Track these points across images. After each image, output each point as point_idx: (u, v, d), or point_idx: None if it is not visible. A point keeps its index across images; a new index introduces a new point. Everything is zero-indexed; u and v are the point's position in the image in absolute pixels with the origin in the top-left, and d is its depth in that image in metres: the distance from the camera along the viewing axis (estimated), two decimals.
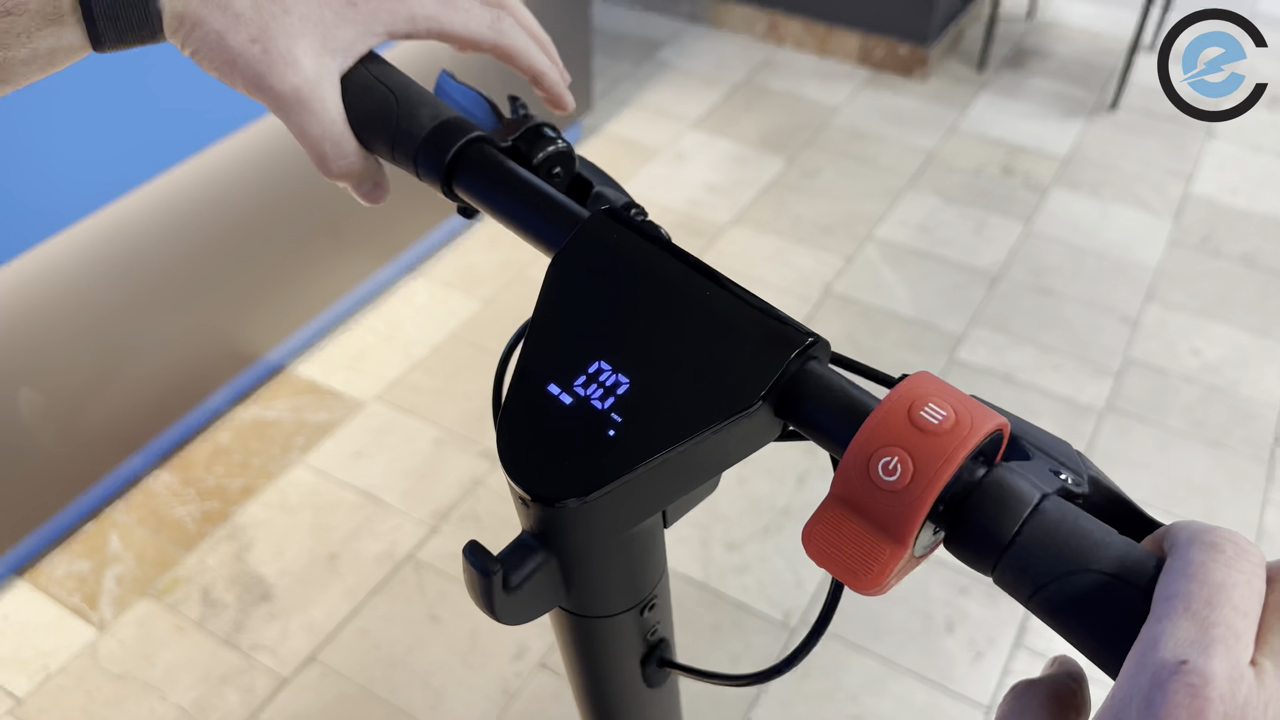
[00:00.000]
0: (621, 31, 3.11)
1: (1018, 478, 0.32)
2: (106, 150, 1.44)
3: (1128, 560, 0.30)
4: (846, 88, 2.88)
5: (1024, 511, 0.31)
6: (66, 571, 1.60)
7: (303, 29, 0.44)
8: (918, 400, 0.32)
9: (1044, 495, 0.32)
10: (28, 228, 1.39)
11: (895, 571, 0.32)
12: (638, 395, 0.37)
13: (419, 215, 2.13)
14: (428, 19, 0.47)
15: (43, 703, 1.44)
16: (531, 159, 0.48)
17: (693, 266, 0.40)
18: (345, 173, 0.48)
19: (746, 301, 0.39)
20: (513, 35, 0.50)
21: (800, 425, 0.37)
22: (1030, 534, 0.31)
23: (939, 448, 0.31)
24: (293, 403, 1.88)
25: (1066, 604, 0.30)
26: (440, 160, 0.46)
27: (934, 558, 1.63)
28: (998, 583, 0.32)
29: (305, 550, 1.65)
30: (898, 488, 0.31)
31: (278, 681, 1.48)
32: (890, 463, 0.32)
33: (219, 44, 0.44)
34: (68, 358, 1.54)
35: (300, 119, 0.45)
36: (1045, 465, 0.35)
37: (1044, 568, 0.30)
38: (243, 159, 1.66)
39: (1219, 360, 2.04)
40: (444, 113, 0.48)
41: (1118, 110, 2.78)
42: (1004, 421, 0.33)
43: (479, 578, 0.37)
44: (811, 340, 0.37)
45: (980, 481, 0.32)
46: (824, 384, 0.36)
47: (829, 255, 2.26)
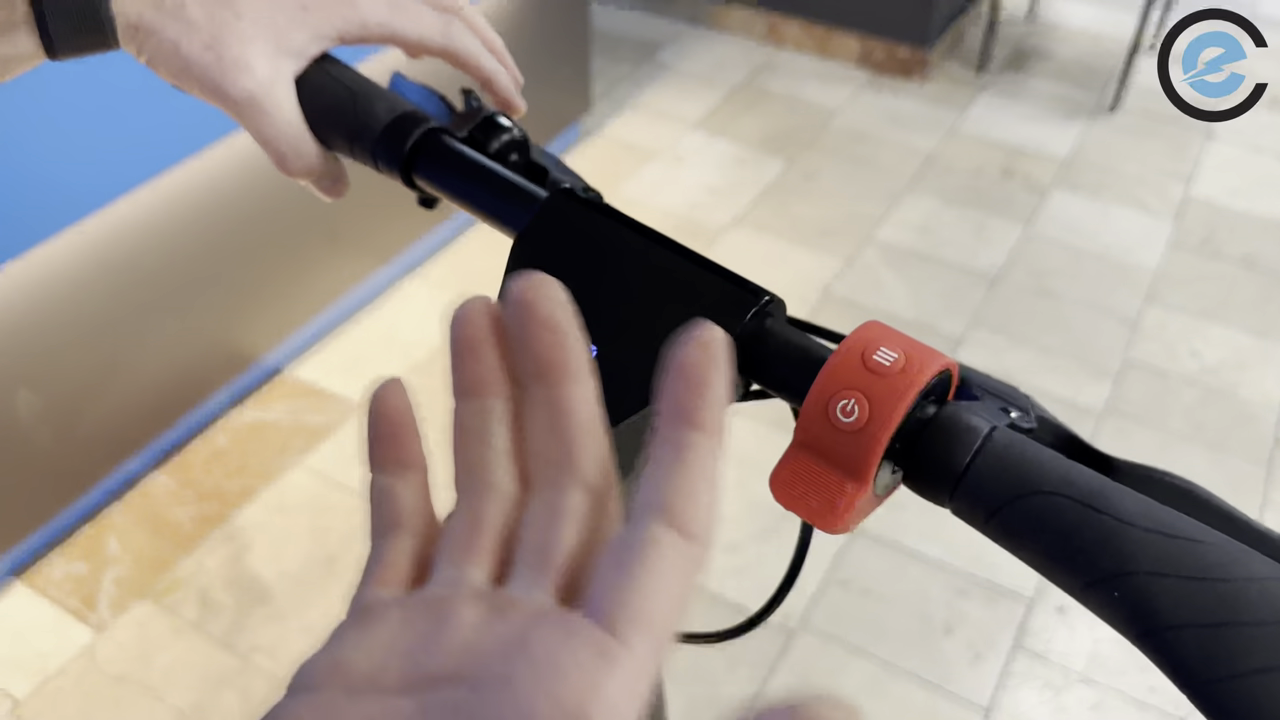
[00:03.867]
0: (621, 33, 3.11)
1: (968, 413, 0.34)
2: (104, 152, 1.44)
3: (1076, 479, 0.32)
4: (846, 89, 2.88)
5: (975, 442, 0.33)
6: (64, 573, 1.60)
7: (255, 34, 0.45)
8: (870, 345, 0.34)
9: (993, 427, 0.34)
10: (25, 230, 1.39)
11: (858, 509, 0.34)
12: (605, 362, 0.38)
13: (416, 218, 2.13)
14: (379, 23, 0.48)
15: (41, 704, 1.44)
16: (488, 148, 0.50)
17: (650, 237, 0.42)
18: (304, 171, 0.49)
19: (704, 266, 0.40)
20: (463, 39, 0.51)
21: (761, 380, 0.39)
22: (982, 462, 0.33)
23: (892, 387, 0.33)
24: (291, 405, 1.88)
25: (1021, 525, 0.32)
26: (399, 151, 0.48)
27: (933, 560, 1.63)
28: (955, 513, 0.34)
29: (303, 552, 1.64)
30: (856, 427, 0.33)
31: (275, 684, 1.47)
32: (848, 405, 0.33)
33: (174, 52, 0.44)
34: (66, 360, 1.54)
35: (257, 121, 0.46)
36: (995, 405, 0.37)
37: (997, 492, 0.32)
38: (240, 162, 1.66)
39: (1219, 362, 2.04)
40: (400, 106, 0.49)
41: (1118, 112, 2.78)
42: (951, 362, 0.35)
43: None
44: (767, 299, 0.39)
45: (933, 418, 0.34)
46: (781, 339, 0.38)
47: (828, 257, 2.26)
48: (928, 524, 1.70)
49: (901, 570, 1.63)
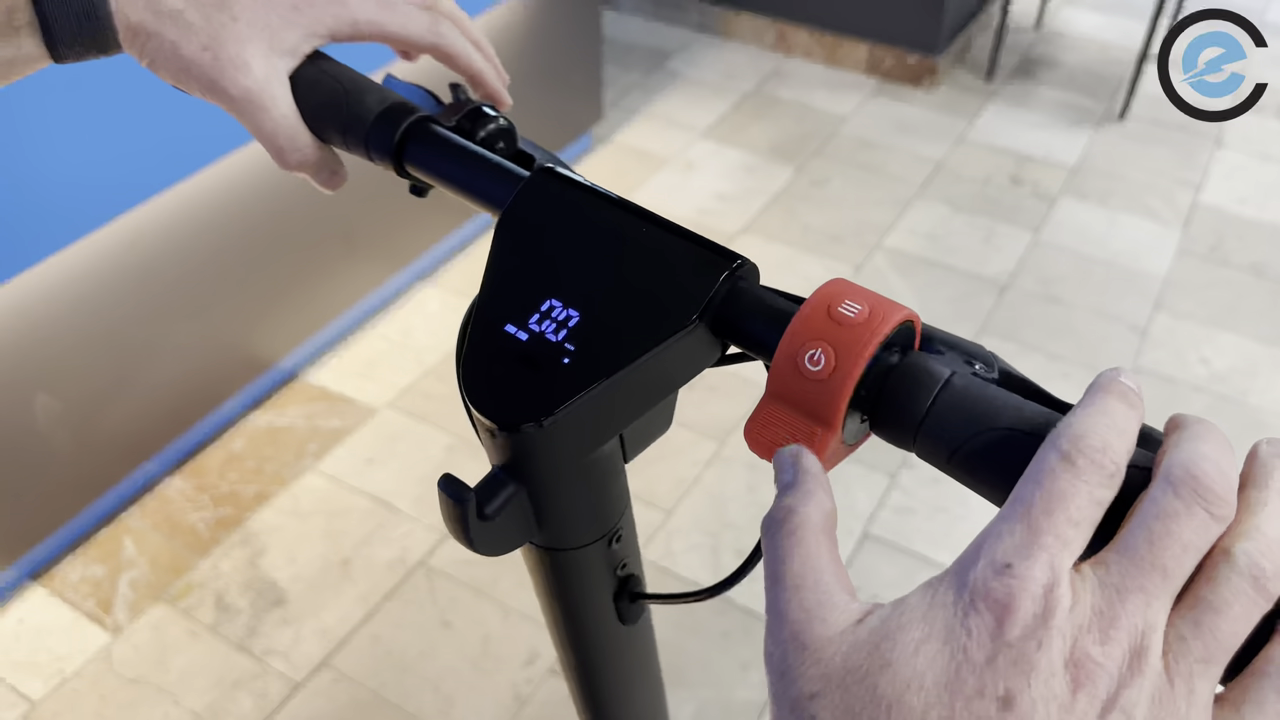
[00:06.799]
0: (631, 41, 3.13)
1: (929, 361, 0.36)
2: (122, 160, 1.46)
3: (1032, 417, 0.33)
4: (855, 97, 2.89)
5: (935, 386, 0.35)
6: (81, 576, 1.62)
7: (250, 34, 0.47)
8: (835, 299, 0.36)
9: (953, 373, 0.36)
10: (45, 236, 1.41)
11: (828, 455, 0.36)
12: (588, 326, 0.40)
13: (430, 223, 2.14)
14: (369, 22, 0.50)
15: (57, 707, 1.46)
16: (476, 136, 0.52)
17: (629, 209, 0.44)
18: (301, 164, 0.51)
19: (679, 234, 0.42)
20: (451, 37, 0.53)
21: (735, 339, 0.41)
22: (943, 403, 0.35)
23: (856, 337, 0.35)
24: (306, 409, 1.89)
25: (980, 460, 0.33)
26: (390, 140, 0.50)
27: (942, 566, 1.64)
28: (920, 454, 0.36)
29: (318, 556, 1.66)
30: (824, 376, 0.35)
31: (290, 686, 1.49)
32: (815, 354, 0.35)
33: (173, 53, 0.47)
34: (83, 365, 1.56)
35: (254, 117, 0.48)
36: (957, 358, 0.38)
37: (957, 431, 0.34)
38: (256, 169, 1.67)
39: (1228, 369, 2.04)
40: (390, 98, 0.51)
41: (1126, 120, 2.79)
42: (912, 313, 0.37)
43: (454, 506, 0.41)
44: (739, 263, 0.41)
45: (896, 366, 0.36)
46: (753, 299, 0.40)
47: (838, 264, 2.27)
48: (937, 529, 1.70)
49: (911, 576, 1.64)
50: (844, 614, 0.29)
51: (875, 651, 0.27)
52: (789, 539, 0.31)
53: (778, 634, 0.29)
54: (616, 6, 3.29)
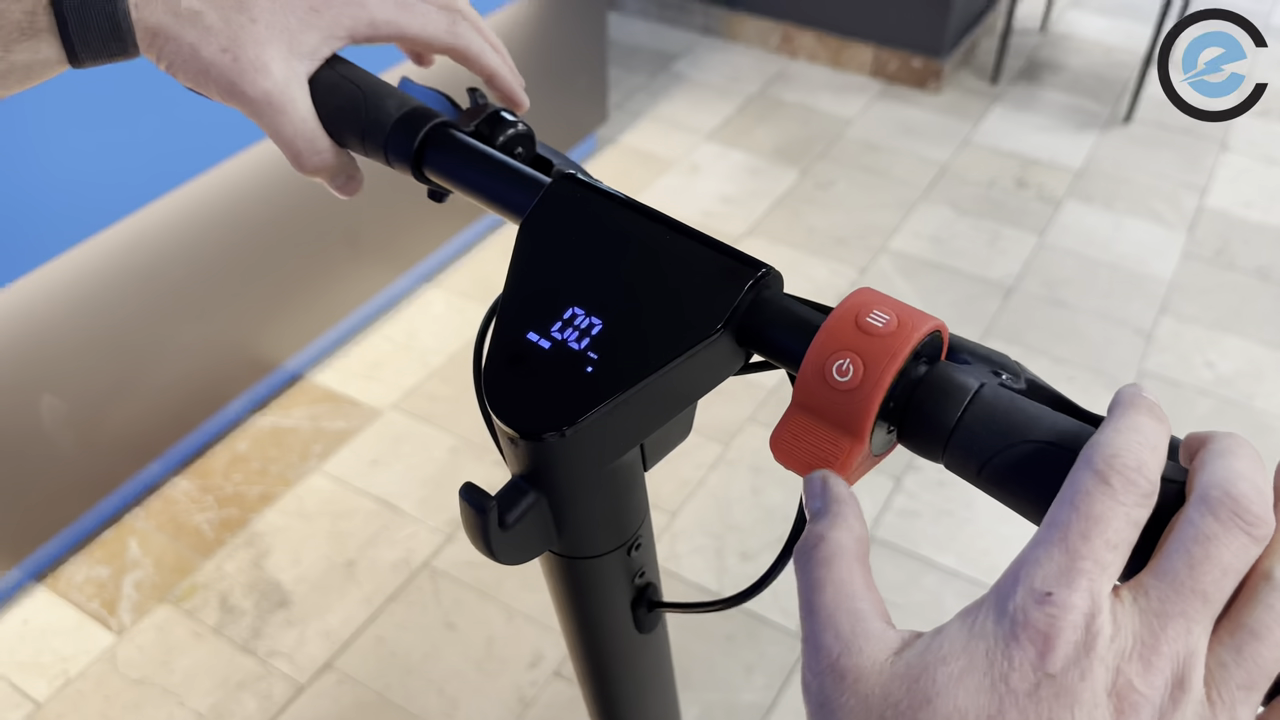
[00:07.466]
0: (636, 44, 3.13)
1: (958, 372, 0.36)
2: (127, 162, 1.46)
3: (1064, 430, 0.33)
4: (860, 100, 2.89)
5: (965, 398, 0.35)
6: (86, 577, 1.62)
7: (270, 37, 0.47)
8: (863, 309, 0.36)
9: (982, 384, 0.35)
10: (50, 238, 1.41)
11: (855, 467, 0.36)
12: (611, 334, 0.40)
13: (435, 226, 2.14)
14: (387, 23, 0.50)
15: (61, 708, 1.46)
16: (494, 141, 0.51)
17: (652, 216, 0.43)
18: (319, 168, 0.51)
19: (703, 242, 0.42)
20: (468, 38, 0.52)
21: (760, 349, 0.40)
22: (972, 416, 0.34)
23: (885, 347, 0.34)
24: (310, 411, 1.89)
25: (1010, 474, 0.33)
26: (409, 145, 0.49)
27: (947, 569, 1.64)
28: (949, 466, 0.35)
29: (322, 557, 1.66)
30: (852, 386, 0.35)
31: (295, 688, 1.49)
32: (843, 365, 0.35)
33: (192, 56, 0.46)
34: (88, 366, 1.56)
35: (273, 120, 0.48)
36: (985, 368, 0.38)
37: (987, 444, 0.34)
38: (261, 170, 1.67)
39: (1233, 373, 2.04)
40: (409, 103, 0.51)
41: (1131, 123, 2.79)
42: (940, 323, 0.36)
43: (476, 515, 0.40)
44: (764, 272, 0.40)
45: (924, 377, 0.36)
46: (779, 308, 0.40)
47: (843, 266, 2.27)
48: (942, 533, 1.70)
49: (916, 580, 1.64)
50: (881, 643, 0.29)
51: (915, 685, 0.27)
52: (821, 568, 0.31)
53: (815, 665, 0.29)
54: (621, 9, 3.29)
